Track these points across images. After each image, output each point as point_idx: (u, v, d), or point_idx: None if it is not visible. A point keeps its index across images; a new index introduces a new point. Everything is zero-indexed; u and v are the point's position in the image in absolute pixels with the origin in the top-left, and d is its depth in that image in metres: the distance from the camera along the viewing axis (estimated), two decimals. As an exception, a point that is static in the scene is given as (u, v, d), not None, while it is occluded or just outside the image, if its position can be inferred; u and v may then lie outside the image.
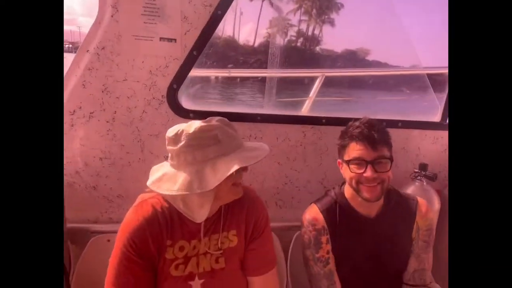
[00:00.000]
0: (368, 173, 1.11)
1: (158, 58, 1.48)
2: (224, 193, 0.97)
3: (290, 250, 1.65)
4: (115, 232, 1.02)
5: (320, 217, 1.21)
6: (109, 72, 1.47)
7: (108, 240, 1.56)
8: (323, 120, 1.74)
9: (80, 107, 1.50)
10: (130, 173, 1.63)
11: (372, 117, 1.22)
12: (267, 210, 1.16)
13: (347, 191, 1.25)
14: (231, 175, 0.89)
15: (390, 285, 1.25)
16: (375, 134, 1.12)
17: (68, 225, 1.53)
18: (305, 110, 2.14)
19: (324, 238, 1.19)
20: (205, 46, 1.49)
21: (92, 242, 1.56)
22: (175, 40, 1.46)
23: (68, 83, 1.47)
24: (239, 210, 1.08)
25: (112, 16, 1.39)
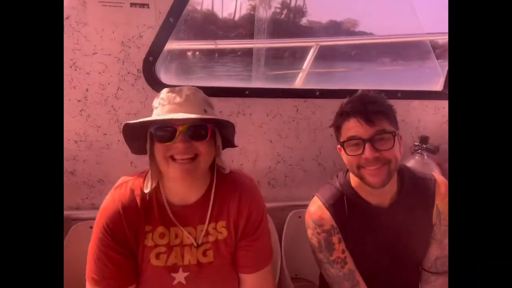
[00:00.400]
0: (367, 153, 0.95)
1: (130, 27, 1.35)
2: (162, 167, 0.90)
3: (284, 231, 1.60)
4: None
5: (327, 215, 1.06)
6: (76, 45, 1.35)
7: (91, 227, 1.46)
8: (317, 93, 1.64)
9: None
10: (110, 156, 1.55)
11: (372, 87, 1.07)
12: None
13: (353, 179, 1.10)
14: (158, 145, 0.87)
15: (409, 276, 1.16)
16: (370, 106, 0.96)
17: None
18: (298, 83, 2.01)
19: (335, 238, 1.06)
20: (183, 11, 1.35)
21: (74, 230, 1.51)
22: (147, 5, 1.33)
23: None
24: (230, 199, 0.97)
25: None
